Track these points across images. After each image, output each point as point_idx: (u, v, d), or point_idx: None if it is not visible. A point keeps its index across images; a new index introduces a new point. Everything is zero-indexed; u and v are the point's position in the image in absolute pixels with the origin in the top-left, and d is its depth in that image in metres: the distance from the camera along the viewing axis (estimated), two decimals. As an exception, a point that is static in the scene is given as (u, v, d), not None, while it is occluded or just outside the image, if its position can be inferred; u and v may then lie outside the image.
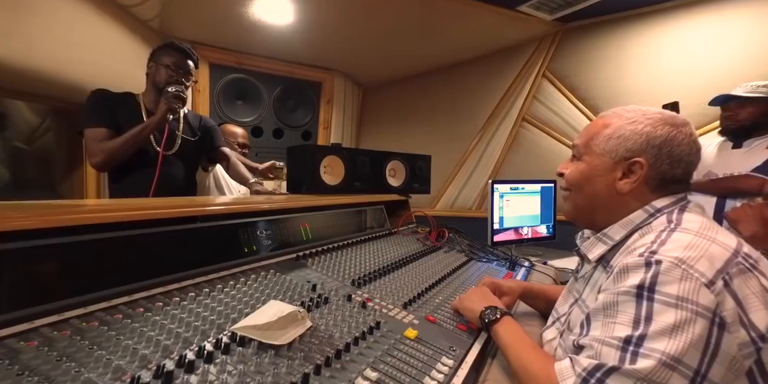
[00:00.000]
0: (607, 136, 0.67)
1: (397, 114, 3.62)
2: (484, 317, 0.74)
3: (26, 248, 0.52)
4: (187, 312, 0.60)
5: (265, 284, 0.78)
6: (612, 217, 0.68)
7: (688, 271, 0.51)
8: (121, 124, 1.44)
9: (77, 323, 0.51)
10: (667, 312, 0.49)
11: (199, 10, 2.23)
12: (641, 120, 0.65)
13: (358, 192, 1.57)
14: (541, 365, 0.60)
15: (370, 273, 0.99)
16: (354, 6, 2.28)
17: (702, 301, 0.49)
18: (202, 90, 2.66)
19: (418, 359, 0.64)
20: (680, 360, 0.47)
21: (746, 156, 1.64)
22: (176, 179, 1.59)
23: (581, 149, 0.71)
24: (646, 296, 0.51)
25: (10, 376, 0.39)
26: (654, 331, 0.49)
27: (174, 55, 1.51)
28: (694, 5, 2.30)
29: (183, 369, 0.47)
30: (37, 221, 0.54)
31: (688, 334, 0.47)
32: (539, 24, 2.64)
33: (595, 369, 0.51)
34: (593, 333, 0.56)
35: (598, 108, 2.61)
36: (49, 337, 0.47)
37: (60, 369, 0.42)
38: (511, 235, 2.04)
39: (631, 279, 0.54)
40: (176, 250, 0.74)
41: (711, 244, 0.54)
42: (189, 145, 1.63)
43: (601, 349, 0.52)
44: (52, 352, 0.44)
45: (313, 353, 0.58)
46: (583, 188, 0.70)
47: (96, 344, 0.48)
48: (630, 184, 0.65)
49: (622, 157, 0.65)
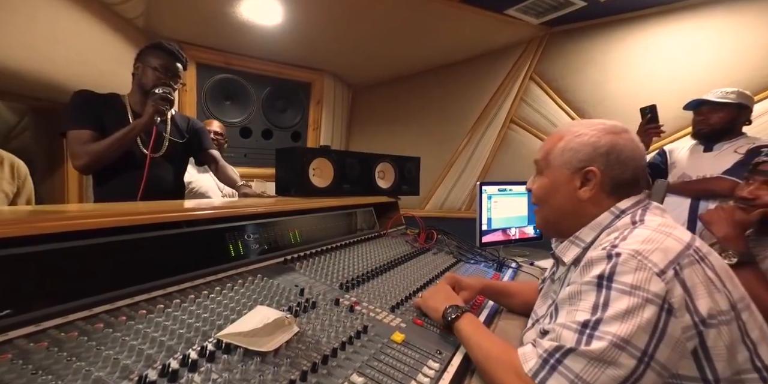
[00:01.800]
0: (560, 149, 0.73)
1: (386, 115, 3.63)
2: (446, 316, 0.77)
3: (9, 256, 0.50)
4: (171, 319, 0.59)
5: (252, 289, 0.78)
6: (577, 223, 0.72)
7: (642, 261, 0.55)
8: (106, 125, 1.40)
9: (55, 333, 0.50)
10: (621, 299, 0.54)
11: (185, 9, 2.20)
12: (586, 132, 0.71)
13: (347, 194, 1.57)
14: (501, 351, 0.63)
15: (359, 276, 0.99)
16: (343, 7, 2.28)
17: (653, 288, 0.53)
18: (190, 90, 2.63)
19: (405, 363, 0.65)
20: (629, 341, 0.52)
21: (716, 159, 1.72)
22: (164, 182, 1.56)
23: (542, 164, 0.77)
24: (605, 285, 0.56)
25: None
26: (609, 316, 0.54)
27: (162, 56, 1.46)
28: (671, 13, 2.37)
29: (166, 378, 0.46)
30: (19, 229, 0.53)
31: (638, 319, 0.52)
32: (526, 27, 2.68)
33: (555, 350, 0.55)
34: (559, 319, 0.60)
35: (584, 111, 2.67)
36: (24, 348, 0.46)
37: (37, 380, 0.41)
38: (499, 236, 2.06)
39: (594, 270, 0.58)
40: (162, 255, 0.73)
41: (667, 238, 0.59)
42: (177, 147, 1.59)
43: (561, 333, 0.57)
44: (27, 365, 0.43)
45: (299, 359, 0.58)
46: (549, 201, 0.76)
47: (75, 355, 0.47)
48: (588, 191, 0.70)
49: (576, 167, 0.71)
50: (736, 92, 1.70)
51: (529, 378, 0.56)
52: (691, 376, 0.55)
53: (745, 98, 1.71)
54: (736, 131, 1.73)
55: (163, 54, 1.46)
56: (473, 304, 0.99)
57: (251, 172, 2.97)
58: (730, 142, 1.73)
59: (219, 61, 2.73)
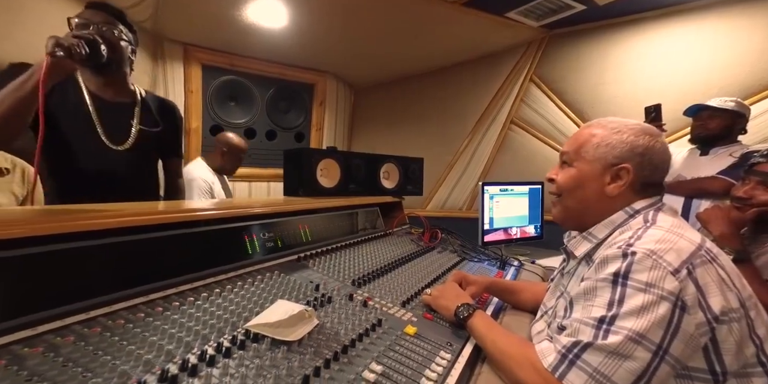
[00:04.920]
0: (595, 144, 0.73)
1: (388, 115, 3.68)
2: (458, 314, 0.79)
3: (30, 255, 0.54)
4: (201, 311, 0.64)
5: (271, 285, 0.82)
6: (599, 218, 0.74)
7: (657, 260, 0.58)
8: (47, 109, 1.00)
9: (104, 321, 0.54)
10: (636, 296, 0.56)
11: (192, 12, 2.24)
12: (624, 130, 0.72)
13: (353, 194, 1.61)
14: (518, 348, 0.66)
15: (369, 273, 1.03)
16: (346, 10, 2.32)
17: (667, 286, 0.56)
18: (195, 91, 2.66)
19: (419, 354, 0.69)
20: (644, 336, 0.54)
21: (712, 162, 1.80)
22: (129, 183, 1.27)
23: (572, 156, 0.77)
24: (621, 282, 0.59)
25: (20, 381, 0.41)
26: (624, 312, 0.56)
27: (82, 13, 1.15)
28: (667, 16, 2.42)
29: (205, 363, 0.50)
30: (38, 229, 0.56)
31: (653, 315, 0.55)
32: (527, 30, 2.73)
33: (573, 345, 0.58)
34: (574, 315, 0.63)
35: (583, 112, 2.71)
36: (81, 333, 0.50)
37: (97, 362, 0.45)
38: (500, 235, 2.11)
39: (609, 268, 0.61)
40: (186, 253, 0.77)
41: (679, 239, 0.61)
42: (149, 138, 1.30)
43: (579, 328, 0.59)
44: (81, 351, 0.47)
45: (321, 349, 0.62)
46: (575, 193, 0.76)
47: (125, 340, 0.51)
48: (618, 188, 0.72)
49: (610, 163, 0.72)
50: (735, 101, 1.79)
51: (548, 373, 0.58)
52: (701, 368, 0.58)
53: (743, 107, 1.80)
54: (732, 138, 1.82)
55: (85, 10, 1.16)
56: (479, 300, 1.04)
57: (255, 173, 3.01)
58: (726, 147, 1.81)
59: (224, 63, 2.77)
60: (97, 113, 1.20)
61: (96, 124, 1.19)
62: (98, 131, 1.19)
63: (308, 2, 2.25)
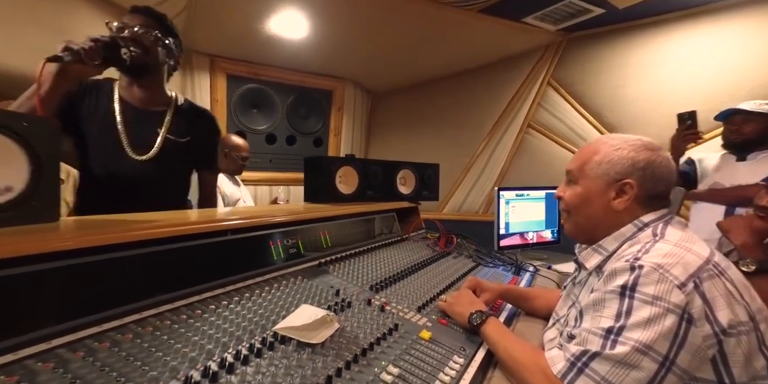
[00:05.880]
0: (597, 161, 0.77)
1: (405, 120, 3.72)
2: (472, 321, 0.83)
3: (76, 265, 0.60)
4: (234, 314, 0.70)
5: (294, 290, 0.88)
6: (609, 232, 0.77)
7: (664, 274, 0.60)
8: (82, 113, 1.15)
9: (154, 321, 0.61)
10: (643, 308, 0.59)
11: (220, 26, 2.36)
12: (624, 146, 0.75)
13: (370, 200, 1.66)
14: (529, 355, 0.69)
15: (386, 278, 1.08)
16: (364, 19, 2.38)
17: (673, 299, 0.58)
18: (220, 100, 2.78)
19: (433, 357, 0.73)
20: (651, 347, 0.56)
21: (753, 167, 1.72)
22: (149, 192, 1.24)
23: (576, 174, 0.80)
24: (628, 295, 0.61)
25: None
26: (632, 323, 0.58)
27: (122, 18, 1.15)
28: (694, 16, 2.37)
29: (240, 362, 0.56)
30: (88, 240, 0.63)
31: (660, 327, 0.57)
32: (544, 34, 2.72)
33: (582, 354, 0.61)
34: (584, 325, 0.66)
35: (602, 115, 2.68)
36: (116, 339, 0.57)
37: (151, 357, 0.52)
38: (516, 239, 2.12)
39: (618, 280, 0.63)
40: (217, 260, 0.84)
41: (687, 253, 0.63)
42: (175, 147, 1.26)
43: (587, 337, 0.62)
44: (138, 347, 0.54)
45: (342, 351, 0.67)
46: (583, 209, 0.79)
47: (173, 339, 0.58)
48: (623, 202, 0.74)
49: (613, 179, 0.75)
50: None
51: (557, 379, 0.61)
52: (709, 380, 0.59)
53: None
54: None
55: (126, 15, 1.16)
56: (491, 307, 1.07)
57: (276, 177, 3.11)
58: (765, 151, 1.71)
59: (247, 72, 2.88)
60: (123, 121, 1.18)
61: (121, 132, 1.17)
62: (122, 140, 1.17)
63: (328, 14, 2.32)
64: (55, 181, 0.64)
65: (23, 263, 0.53)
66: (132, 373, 0.48)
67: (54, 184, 0.63)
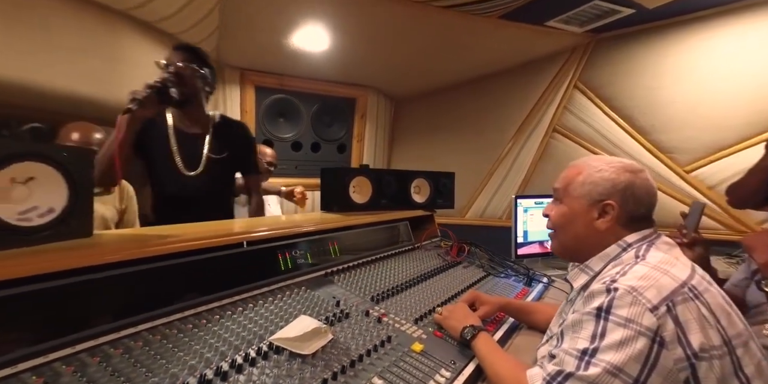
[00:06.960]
0: (580, 182, 0.79)
1: (428, 125, 3.73)
2: (464, 335, 0.86)
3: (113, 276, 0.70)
4: (236, 324, 0.77)
5: (297, 300, 0.94)
6: (594, 251, 0.78)
7: (637, 297, 0.61)
8: (147, 143, 1.40)
9: (164, 330, 0.69)
10: (616, 330, 0.61)
11: (249, 42, 2.50)
12: (606, 168, 0.77)
13: (384, 209, 1.71)
14: (512, 371, 0.72)
15: (389, 289, 1.12)
16: (385, 29, 2.43)
17: (645, 322, 0.59)
18: (249, 110, 2.94)
19: (420, 370, 0.76)
20: (621, 369, 0.58)
21: None
22: (202, 202, 1.50)
23: (561, 193, 0.82)
24: (603, 317, 0.63)
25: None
26: (605, 345, 0.60)
27: (168, 56, 1.39)
28: (736, 12, 2.21)
29: (234, 370, 0.63)
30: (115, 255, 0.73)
31: (631, 349, 0.59)
32: (570, 36, 2.64)
33: (557, 374, 0.63)
34: (563, 345, 0.68)
35: (634, 118, 2.56)
36: (129, 346, 0.66)
37: (156, 364, 0.60)
38: (536, 248, 2.08)
39: (594, 302, 0.65)
40: (227, 271, 0.92)
41: (663, 275, 0.64)
42: (217, 163, 1.50)
43: (564, 358, 0.64)
44: (146, 354, 0.62)
45: (332, 362, 0.72)
46: (567, 228, 0.81)
47: (177, 347, 0.66)
48: (605, 222, 0.76)
49: (595, 199, 0.77)
50: None
51: None
52: None
53: None
54: None
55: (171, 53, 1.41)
56: (493, 319, 1.08)
57: (301, 182, 3.23)
58: None
59: (274, 83, 3.02)
60: (177, 143, 1.44)
61: (175, 153, 1.44)
62: (176, 160, 1.43)
63: (350, 26, 2.40)
64: (89, 201, 0.74)
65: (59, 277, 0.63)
66: (137, 378, 0.56)
67: (88, 204, 0.73)
